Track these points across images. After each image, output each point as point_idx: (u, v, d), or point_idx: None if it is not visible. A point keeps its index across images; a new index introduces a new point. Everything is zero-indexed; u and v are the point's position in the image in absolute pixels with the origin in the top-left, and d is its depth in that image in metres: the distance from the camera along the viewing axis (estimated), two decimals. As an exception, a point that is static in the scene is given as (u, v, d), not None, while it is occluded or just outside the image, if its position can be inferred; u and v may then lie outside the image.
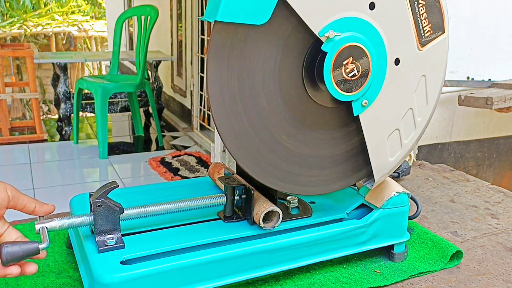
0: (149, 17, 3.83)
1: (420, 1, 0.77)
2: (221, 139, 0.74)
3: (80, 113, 4.48)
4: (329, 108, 0.81)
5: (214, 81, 0.70)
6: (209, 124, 4.28)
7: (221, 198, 0.83)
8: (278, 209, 0.80)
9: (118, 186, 0.75)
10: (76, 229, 0.80)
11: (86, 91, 4.01)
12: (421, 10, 0.78)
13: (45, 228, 0.69)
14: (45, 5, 9.04)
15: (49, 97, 6.72)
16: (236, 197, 0.83)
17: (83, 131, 4.62)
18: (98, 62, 8.01)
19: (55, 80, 4.50)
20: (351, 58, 0.74)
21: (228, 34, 0.69)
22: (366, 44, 0.74)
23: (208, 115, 4.28)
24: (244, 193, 0.83)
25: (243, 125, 0.74)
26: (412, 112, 0.83)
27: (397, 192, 0.89)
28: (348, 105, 0.78)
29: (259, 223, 0.79)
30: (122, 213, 0.75)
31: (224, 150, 2.18)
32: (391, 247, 0.92)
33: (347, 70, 0.74)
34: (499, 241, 1.03)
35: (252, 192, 0.80)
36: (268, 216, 0.81)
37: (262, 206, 0.79)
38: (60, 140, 4.34)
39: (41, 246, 0.65)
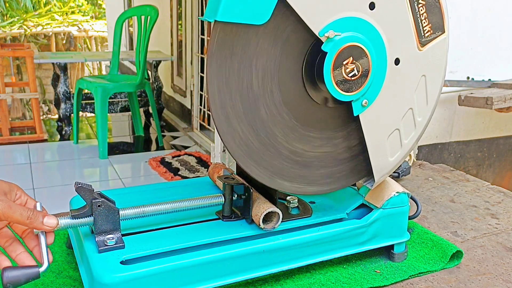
0: (149, 17, 3.83)
1: (420, 1, 0.77)
2: (221, 139, 0.74)
3: (80, 113, 4.48)
4: (329, 108, 0.81)
5: (214, 81, 0.70)
6: (209, 124, 4.28)
7: (219, 198, 0.83)
8: (278, 210, 0.80)
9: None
10: (76, 229, 0.80)
11: (86, 91, 4.01)
12: (421, 10, 0.78)
13: (46, 249, 0.69)
14: (45, 5, 9.04)
15: (49, 97, 6.72)
16: (235, 197, 0.83)
17: (83, 131, 4.62)
18: (98, 62, 8.01)
19: (55, 80, 4.50)
20: (351, 58, 0.74)
21: (228, 34, 0.69)
22: (366, 44, 0.74)
23: (208, 115, 4.28)
24: (243, 192, 0.83)
25: (243, 125, 0.74)
26: (412, 112, 0.83)
27: (397, 192, 0.89)
28: (348, 105, 0.78)
29: (259, 224, 0.79)
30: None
31: (224, 150, 2.18)
32: (391, 247, 0.92)
33: (347, 70, 0.74)
34: (499, 241, 1.03)
35: (251, 190, 0.80)
36: (268, 217, 0.81)
37: (262, 207, 0.79)
38: (60, 140, 4.34)
39: (41, 270, 0.67)
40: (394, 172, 1.30)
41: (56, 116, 4.86)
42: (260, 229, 0.81)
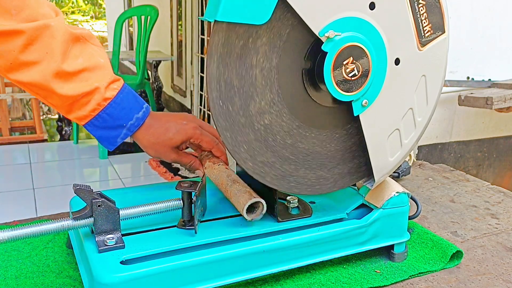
0: (149, 17, 3.84)
1: (420, 1, 0.77)
2: (221, 139, 0.74)
3: (80, 113, 4.47)
4: (329, 108, 0.81)
5: (214, 81, 0.70)
6: (209, 124, 4.28)
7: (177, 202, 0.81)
8: (260, 199, 0.78)
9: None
10: (76, 229, 0.80)
11: (86, 91, 4.01)
12: (421, 10, 0.78)
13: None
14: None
15: (49, 97, 6.70)
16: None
17: (83, 131, 4.62)
18: (98, 62, 7.99)
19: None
20: (351, 58, 0.74)
21: (228, 34, 0.69)
22: (366, 44, 0.74)
23: (208, 115, 4.28)
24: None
25: (242, 125, 0.74)
26: (412, 112, 0.83)
27: (397, 192, 0.89)
28: (348, 105, 0.78)
29: (243, 215, 0.78)
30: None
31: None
32: (391, 247, 0.92)
33: (347, 70, 0.74)
34: (499, 241, 1.03)
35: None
36: (252, 207, 0.80)
37: (244, 198, 0.78)
38: (60, 140, 4.34)
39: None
40: (394, 172, 1.30)
41: (56, 116, 4.87)
42: (259, 229, 0.81)
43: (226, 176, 0.85)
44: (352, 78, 0.75)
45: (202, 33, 4.30)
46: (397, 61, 0.79)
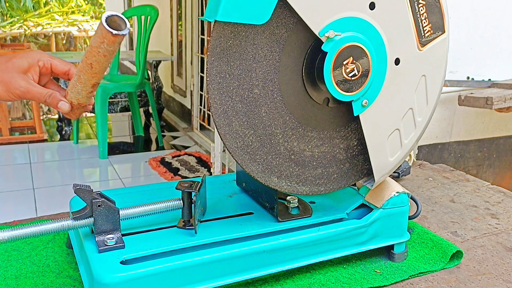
0: (149, 17, 3.84)
1: (420, 1, 0.77)
2: (221, 139, 0.74)
3: (80, 113, 4.47)
4: (329, 108, 0.81)
5: (214, 81, 0.70)
6: (209, 124, 4.28)
7: (177, 202, 0.81)
8: (118, 14, 0.70)
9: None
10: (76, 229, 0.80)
11: (86, 91, 4.00)
12: (421, 10, 0.78)
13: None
14: (45, 5, 9.04)
15: (49, 97, 6.70)
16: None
17: (83, 131, 4.62)
18: (98, 62, 8.00)
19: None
20: (351, 58, 0.74)
21: (228, 34, 0.69)
22: (366, 44, 0.74)
23: (208, 115, 4.28)
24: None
25: (242, 125, 0.74)
26: (412, 112, 0.83)
27: (397, 192, 0.89)
28: (348, 105, 0.78)
29: (105, 28, 0.68)
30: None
31: (224, 150, 2.18)
32: (391, 247, 0.92)
33: (347, 70, 0.74)
34: (499, 241, 1.03)
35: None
36: (113, 25, 0.70)
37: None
38: (60, 140, 4.34)
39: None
40: (394, 172, 1.30)
41: (56, 116, 4.87)
42: (259, 229, 0.81)
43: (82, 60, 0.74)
44: (352, 78, 0.75)
45: (202, 33, 4.30)
46: (397, 61, 0.79)
